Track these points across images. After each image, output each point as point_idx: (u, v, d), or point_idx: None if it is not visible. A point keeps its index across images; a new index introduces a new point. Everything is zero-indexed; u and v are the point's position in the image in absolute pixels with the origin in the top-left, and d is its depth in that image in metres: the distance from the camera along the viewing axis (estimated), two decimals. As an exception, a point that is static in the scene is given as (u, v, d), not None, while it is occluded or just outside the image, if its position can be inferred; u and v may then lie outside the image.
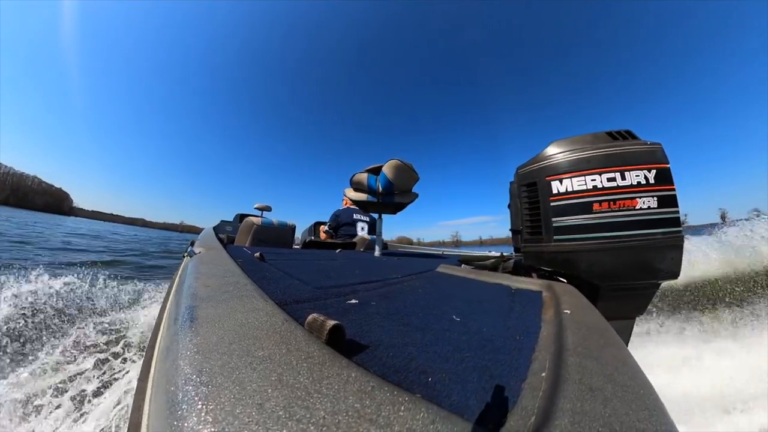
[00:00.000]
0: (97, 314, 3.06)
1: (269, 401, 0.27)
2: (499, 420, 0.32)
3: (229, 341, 0.37)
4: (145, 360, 0.59)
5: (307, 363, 0.34)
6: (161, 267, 7.16)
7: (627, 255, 1.13)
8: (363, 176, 2.19)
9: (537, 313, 0.80)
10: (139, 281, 4.37)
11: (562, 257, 1.22)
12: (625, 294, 1.23)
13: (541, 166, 1.27)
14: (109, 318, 2.94)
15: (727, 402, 2.19)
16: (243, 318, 0.45)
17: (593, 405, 0.34)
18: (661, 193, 1.11)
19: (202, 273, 0.78)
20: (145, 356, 0.61)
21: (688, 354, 2.84)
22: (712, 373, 2.53)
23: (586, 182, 1.17)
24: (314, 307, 0.65)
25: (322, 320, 0.43)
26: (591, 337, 0.58)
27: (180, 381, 0.29)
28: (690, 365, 2.70)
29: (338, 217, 3.71)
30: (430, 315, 0.69)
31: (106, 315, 3.06)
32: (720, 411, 2.14)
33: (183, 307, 0.50)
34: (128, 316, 3.08)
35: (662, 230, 1.10)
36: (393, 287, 0.98)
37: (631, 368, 0.47)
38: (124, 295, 3.66)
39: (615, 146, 1.18)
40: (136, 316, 3.05)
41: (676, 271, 1.13)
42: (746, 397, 2.20)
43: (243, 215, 5.31)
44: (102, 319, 2.92)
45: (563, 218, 1.20)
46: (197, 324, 0.42)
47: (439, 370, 0.41)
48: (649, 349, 3.01)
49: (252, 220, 3.31)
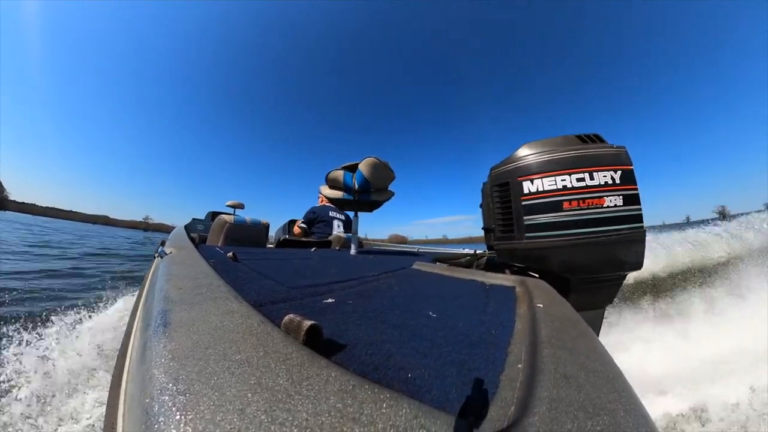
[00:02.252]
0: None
1: (250, 406, 0.26)
2: (480, 411, 0.33)
3: (205, 346, 0.36)
4: (116, 370, 0.55)
5: (285, 365, 0.33)
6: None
7: (596, 250, 1.18)
8: (339, 173, 2.16)
9: (511, 307, 0.82)
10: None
11: (534, 253, 1.26)
12: (595, 286, 1.30)
13: (513, 166, 1.31)
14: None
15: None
16: (218, 321, 0.44)
17: (568, 391, 0.36)
18: (626, 193, 1.18)
19: (174, 274, 0.76)
20: (116, 366, 0.57)
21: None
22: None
23: (557, 182, 1.21)
24: (290, 307, 0.64)
25: (298, 321, 0.42)
26: (563, 328, 0.60)
27: (155, 391, 0.28)
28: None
29: (314, 213, 3.64)
30: (407, 312, 0.69)
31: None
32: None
33: (155, 312, 0.48)
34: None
35: (627, 226, 1.17)
36: (369, 285, 0.98)
37: (601, 356, 0.49)
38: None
39: (584, 149, 1.23)
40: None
41: (639, 262, 1.22)
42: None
43: (215, 213, 5.11)
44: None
45: (534, 216, 1.23)
46: (171, 329, 0.41)
47: (418, 366, 0.42)
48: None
49: (224, 218, 3.21)
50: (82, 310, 2.91)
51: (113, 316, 2.91)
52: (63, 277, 5.24)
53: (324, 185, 2.30)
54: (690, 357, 2.67)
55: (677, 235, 4.77)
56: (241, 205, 3.57)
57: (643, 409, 0.36)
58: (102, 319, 2.85)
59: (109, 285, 4.11)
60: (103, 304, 3.24)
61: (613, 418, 0.32)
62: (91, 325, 2.70)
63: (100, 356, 2.29)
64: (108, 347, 2.38)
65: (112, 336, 2.48)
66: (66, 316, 2.75)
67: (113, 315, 2.94)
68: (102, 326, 2.63)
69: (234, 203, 3.54)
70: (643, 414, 0.35)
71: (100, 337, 2.46)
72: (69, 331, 2.56)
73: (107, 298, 3.44)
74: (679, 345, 2.94)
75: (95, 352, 2.31)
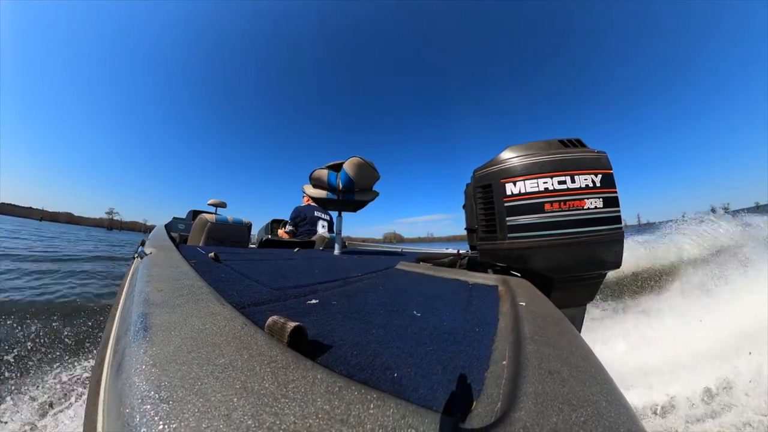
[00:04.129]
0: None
1: (236, 411, 0.26)
2: (468, 408, 0.34)
3: (188, 350, 0.35)
4: (93, 379, 0.51)
5: (270, 367, 0.33)
6: None
7: (576, 250, 1.21)
8: (323, 172, 2.13)
9: (494, 306, 0.83)
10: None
11: (516, 253, 1.28)
12: (576, 284, 1.33)
13: (496, 169, 1.33)
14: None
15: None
16: (200, 324, 0.43)
17: (553, 386, 0.36)
18: (606, 195, 1.22)
19: (154, 276, 0.74)
20: (93, 375, 0.54)
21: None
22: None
23: (539, 184, 1.23)
24: (273, 309, 0.64)
25: (282, 322, 0.42)
26: (546, 326, 0.61)
27: (136, 400, 0.27)
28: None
29: (300, 212, 3.59)
30: (392, 312, 0.70)
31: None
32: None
33: (135, 315, 0.46)
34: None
35: (607, 227, 1.21)
36: (353, 286, 0.98)
37: (584, 351, 0.50)
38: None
39: (566, 152, 1.26)
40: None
41: (618, 261, 1.26)
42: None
43: (196, 212, 4.98)
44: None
45: (516, 217, 1.25)
46: (152, 333, 0.39)
47: (404, 365, 0.42)
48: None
49: (205, 217, 3.13)
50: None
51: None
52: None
53: (308, 184, 2.27)
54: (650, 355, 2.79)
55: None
56: (223, 204, 3.49)
57: (624, 399, 0.38)
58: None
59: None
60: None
61: (596, 408, 0.33)
62: None
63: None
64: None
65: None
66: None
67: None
68: None
69: (216, 202, 3.46)
70: (624, 404, 0.36)
71: None
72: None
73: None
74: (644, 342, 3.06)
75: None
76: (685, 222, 5.40)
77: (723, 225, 4.94)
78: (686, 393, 2.24)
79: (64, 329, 2.87)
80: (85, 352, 2.61)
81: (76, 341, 2.72)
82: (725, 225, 4.92)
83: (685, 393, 2.24)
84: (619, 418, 0.33)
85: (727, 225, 4.90)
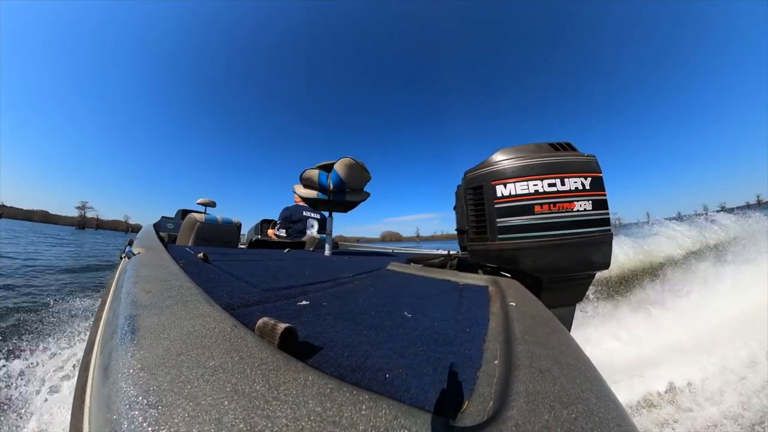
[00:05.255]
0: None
1: (227, 414, 0.25)
2: (460, 407, 0.33)
3: (177, 352, 0.34)
4: (79, 385, 0.50)
5: (261, 370, 0.32)
6: None
7: (566, 251, 1.22)
8: (314, 173, 2.11)
9: (484, 306, 0.83)
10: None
11: (506, 254, 1.29)
12: (566, 285, 1.35)
13: (487, 171, 1.34)
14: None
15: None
16: (189, 325, 0.43)
17: (544, 385, 0.37)
18: (595, 198, 1.23)
19: (142, 276, 0.73)
20: (78, 381, 0.52)
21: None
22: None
23: (529, 187, 1.24)
24: (264, 310, 0.63)
25: (273, 324, 0.41)
26: (536, 325, 0.61)
27: (123, 406, 0.26)
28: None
29: (290, 212, 3.55)
30: (383, 312, 0.70)
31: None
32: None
33: (122, 317, 0.45)
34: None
35: (596, 229, 1.22)
36: (344, 287, 0.98)
37: (574, 350, 0.51)
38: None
39: (556, 156, 1.27)
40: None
41: (607, 262, 1.28)
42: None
43: (185, 211, 4.90)
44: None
45: (507, 219, 1.26)
46: (139, 335, 0.39)
47: (396, 365, 0.42)
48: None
49: (195, 216, 3.09)
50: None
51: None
52: None
53: (298, 184, 2.24)
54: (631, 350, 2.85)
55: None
56: (212, 203, 3.43)
57: (613, 396, 0.38)
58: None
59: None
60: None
61: (587, 405, 0.34)
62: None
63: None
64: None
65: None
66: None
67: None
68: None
69: (205, 201, 3.40)
70: (613, 400, 0.37)
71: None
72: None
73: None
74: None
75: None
76: (657, 224, 5.54)
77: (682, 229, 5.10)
78: (660, 388, 2.30)
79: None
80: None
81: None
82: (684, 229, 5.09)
83: (659, 387, 2.30)
84: (608, 414, 0.33)
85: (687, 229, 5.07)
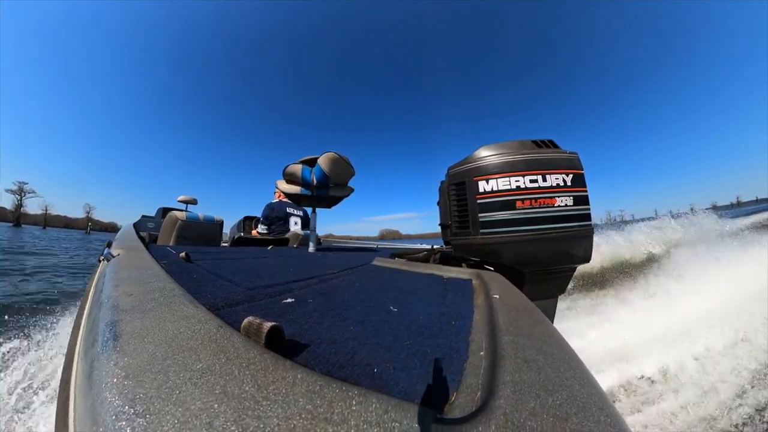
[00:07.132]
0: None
1: (218, 418, 0.25)
2: (449, 399, 0.34)
3: (163, 357, 0.34)
4: (61, 398, 0.46)
5: (249, 370, 0.32)
6: None
7: (547, 245, 1.24)
8: (297, 168, 2.07)
9: (469, 299, 0.84)
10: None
11: (488, 248, 1.30)
12: (548, 278, 1.36)
13: (470, 167, 1.34)
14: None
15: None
16: (174, 328, 0.42)
17: (529, 374, 0.38)
18: (576, 194, 1.25)
19: (123, 279, 0.71)
20: (60, 394, 0.48)
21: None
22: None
23: (511, 183, 1.25)
24: (248, 309, 0.63)
25: (258, 323, 0.41)
26: (520, 317, 0.62)
27: (109, 417, 0.25)
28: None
29: (272, 209, 3.48)
30: (368, 308, 0.70)
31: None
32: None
33: (103, 323, 0.44)
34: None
35: (577, 224, 1.24)
36: (329, 283, 0.98)
37: (557, 340, 0.52)
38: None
39: (539, 153, 1.29)
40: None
41: (588, 256, 1.30)
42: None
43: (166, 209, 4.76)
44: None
45: (489, 214, 1.26)
46: (122, 341, 0.37)
47: (383, 360, 0.42)
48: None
49: (176, 215, 3.00)
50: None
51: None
52: None
53: (281, 180, 2.20)
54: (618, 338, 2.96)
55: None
56: (194, 201, 3.34)
57: (595, 382, 0.39)
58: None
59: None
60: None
61: (570, 392, 0.35)
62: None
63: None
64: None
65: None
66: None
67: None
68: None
69: (186, 198, 3.31)
70: (595, 386, 0.38)
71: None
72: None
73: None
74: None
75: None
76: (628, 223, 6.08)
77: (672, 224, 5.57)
78: (640, 374, 2.40)
79: None
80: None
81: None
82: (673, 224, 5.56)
83: (639, 374, 2.40)
84: (590, 399, 0.34)
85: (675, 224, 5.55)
